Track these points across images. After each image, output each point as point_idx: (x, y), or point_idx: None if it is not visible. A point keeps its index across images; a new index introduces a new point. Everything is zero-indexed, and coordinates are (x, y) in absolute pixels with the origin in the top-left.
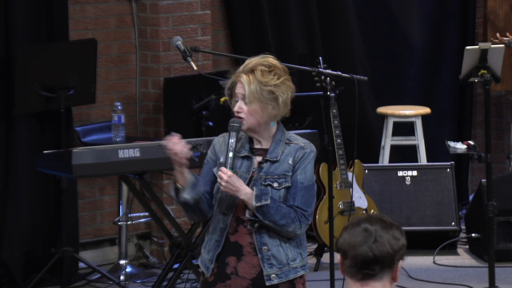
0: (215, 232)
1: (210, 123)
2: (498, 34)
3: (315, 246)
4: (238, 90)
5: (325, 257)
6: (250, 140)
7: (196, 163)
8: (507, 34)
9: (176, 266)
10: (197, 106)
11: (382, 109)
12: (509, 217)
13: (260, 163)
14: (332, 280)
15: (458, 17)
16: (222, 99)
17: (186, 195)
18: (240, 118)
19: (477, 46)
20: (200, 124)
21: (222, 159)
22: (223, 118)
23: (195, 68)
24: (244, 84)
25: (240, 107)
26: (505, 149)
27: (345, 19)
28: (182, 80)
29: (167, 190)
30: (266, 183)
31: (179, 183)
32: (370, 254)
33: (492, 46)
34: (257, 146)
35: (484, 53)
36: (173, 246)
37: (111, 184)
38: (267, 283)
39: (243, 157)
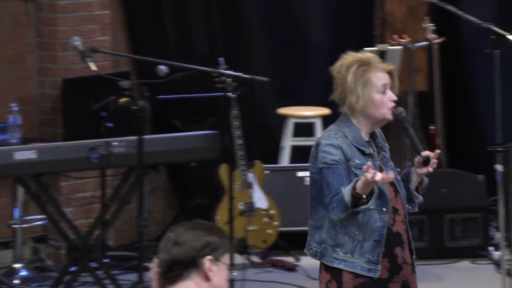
0: (372, 233)
1: (110, 124)
2: (395, 36)
3: None
4: (387, 80)
5: None
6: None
7: (95, 164)
8: (405, 36)
9: (73, 269)
10: (96, 107)
11: (282, 110)
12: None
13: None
14: (231, 281)
15: (357, 19)
16: (122, 100)
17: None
18: (393, 107)
19: (375, 48)
20: (99, 125)
21: (358, 161)
22: (123, 119)
23: (94, 68)
24: (395, 76)
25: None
26: (401, 150)
27: (246, 20)
28: (81, 81)
29: (65, 192)
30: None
31: (360, 192)
32: (168, 257)
33: (390, 47)
34: (366, 138)
35: (382, 54)
36: (70, 248)
37: (6, 186)
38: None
39: (369, 154)
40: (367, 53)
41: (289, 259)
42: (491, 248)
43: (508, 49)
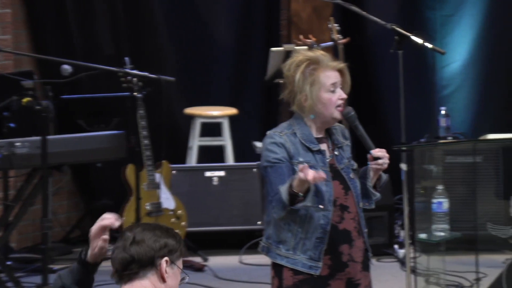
0: (314, 231)
1: (13, 125)
2: (301, 36)
3: None
4: (336, 78)
5: None
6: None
7: None
8: (310, 36)
9: None
10: None
11: (189, 110)
12: None
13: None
14: None
15: (263, 19)
16: (24, 100)
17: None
18: (342, 107)
19: (281, 48)
20: (1, 126)
21: (301, 159)
22: (26, 119)
23: None
24: (346, 73)
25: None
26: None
27: (152, 20)
28: None
29: None
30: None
31: (296, 190)
32: (126, 255)
33: (296, 47)
34: (318, 136)
35: (288, 54)
36: None
37: None
38: (370, 264)
39: (317, 151)
40: (318, 51)
41: (197, 259)
42: (396, 246)
43: (411, 49)
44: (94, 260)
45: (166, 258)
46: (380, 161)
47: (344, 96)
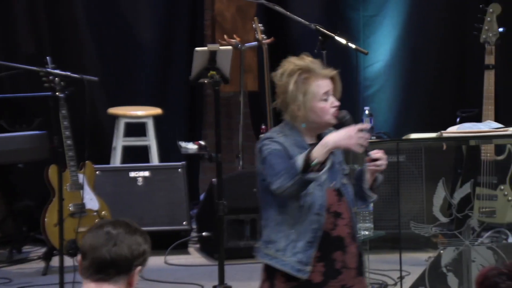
0: (305, 234)
1: None
2: (225, 36)
3: (44, 249)
4: (328, 87)
5: (55, 261)
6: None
7: None
8: (234, 36)
9: None
10: None
11: (113, 110)
12: (239, 215)
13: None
14: (61, 284)
15: (187, 18)
16: None
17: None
18: (336, 112)
19: (206, 48)
20: None
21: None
22: None
23: None
24: (338, 80)
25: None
26: (235, 149)
27: (73, 18)
28: None
29: None
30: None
31: (318, 159)
32: (108, 257)
33: (221, 47)
34: (310, 141)
35: (213, 54)
36: None
37: None
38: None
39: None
40: (308, 59)
41: None
42: None
43: (335, 50)
44: None
45: (139, 267)
46: (378, 162)
47: (337, 103)
